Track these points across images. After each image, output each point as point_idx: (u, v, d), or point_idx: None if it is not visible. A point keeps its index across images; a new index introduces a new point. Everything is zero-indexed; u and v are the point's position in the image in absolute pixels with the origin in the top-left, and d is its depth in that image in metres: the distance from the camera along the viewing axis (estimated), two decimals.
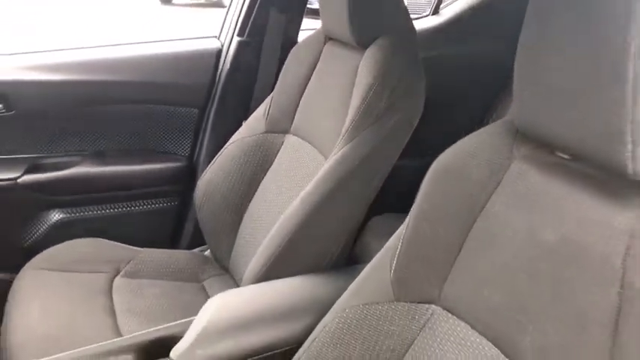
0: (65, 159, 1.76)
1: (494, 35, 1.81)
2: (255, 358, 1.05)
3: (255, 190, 1.53)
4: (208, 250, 1.67)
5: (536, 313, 0.72)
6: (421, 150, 1.30)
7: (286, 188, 1.44)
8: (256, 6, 1.77)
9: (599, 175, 0.70)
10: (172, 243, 1.87)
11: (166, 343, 1.09)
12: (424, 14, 2.01)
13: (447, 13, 1.98)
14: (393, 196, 1.27)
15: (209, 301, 1.10)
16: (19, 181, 1.68)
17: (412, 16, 1.94)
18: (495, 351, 0.78)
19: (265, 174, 1.53)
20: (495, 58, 1.47)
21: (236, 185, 1.54)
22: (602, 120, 0.64)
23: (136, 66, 1.79)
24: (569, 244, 0.71)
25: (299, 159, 1.46)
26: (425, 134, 1.32)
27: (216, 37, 1.89)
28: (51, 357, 1.09)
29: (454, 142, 0.91)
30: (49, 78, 1.69)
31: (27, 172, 1.69)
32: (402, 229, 0.92)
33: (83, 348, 1.11)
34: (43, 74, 1.68)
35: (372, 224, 1.66)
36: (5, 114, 1.64)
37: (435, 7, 1.99)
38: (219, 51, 1.85)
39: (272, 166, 1.53)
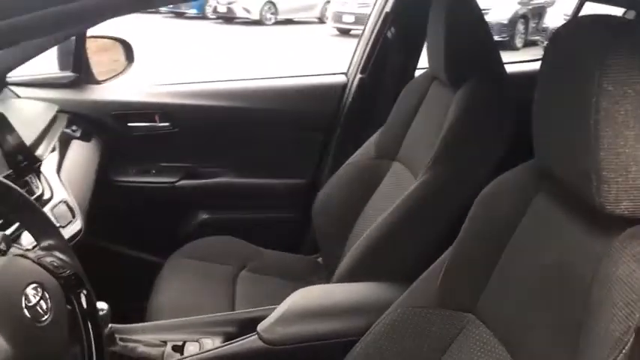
0: (212, 169, 2.09)
1: None
2: (321, 342, 1.23)
3: (363, 208, 1.71)
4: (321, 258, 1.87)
5: (534, 320, 0.86)
6: None
7: (386, 209, 1.58)
8: (377, 48, 2.00)
9: (588, 209, 0.82)
10: (292, 248, 2.08)
11: (255, 322, 1.29)
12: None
13: None
14: None
15: (294, 292, 1.32)
16: (176, 184, 2.04)
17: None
18: (507, 355, 0.92)
19: (373, 194, 1.71)
20: None
21: (347, 202, 1.73)
22: (579, 163, 0.78)
23: (274, 96, 2.10)
24: (560, 266, 0.85)
25: (399, 184, 1.63)
26: None
27: (344, 73, 2.14)
28: (170, 320, 1.39)
29: None
30: (204, 103, 2.04)
31: (182, 178, 2.06)
32: (451, 247, 1.08)
33: (193, 317, 1.39)
34: (200, 100, 2.05)
35: None
36: (171, 131, 2.02)
37: None
38: (345, 85, 2.10)
39: (378, 188, 1.71)
